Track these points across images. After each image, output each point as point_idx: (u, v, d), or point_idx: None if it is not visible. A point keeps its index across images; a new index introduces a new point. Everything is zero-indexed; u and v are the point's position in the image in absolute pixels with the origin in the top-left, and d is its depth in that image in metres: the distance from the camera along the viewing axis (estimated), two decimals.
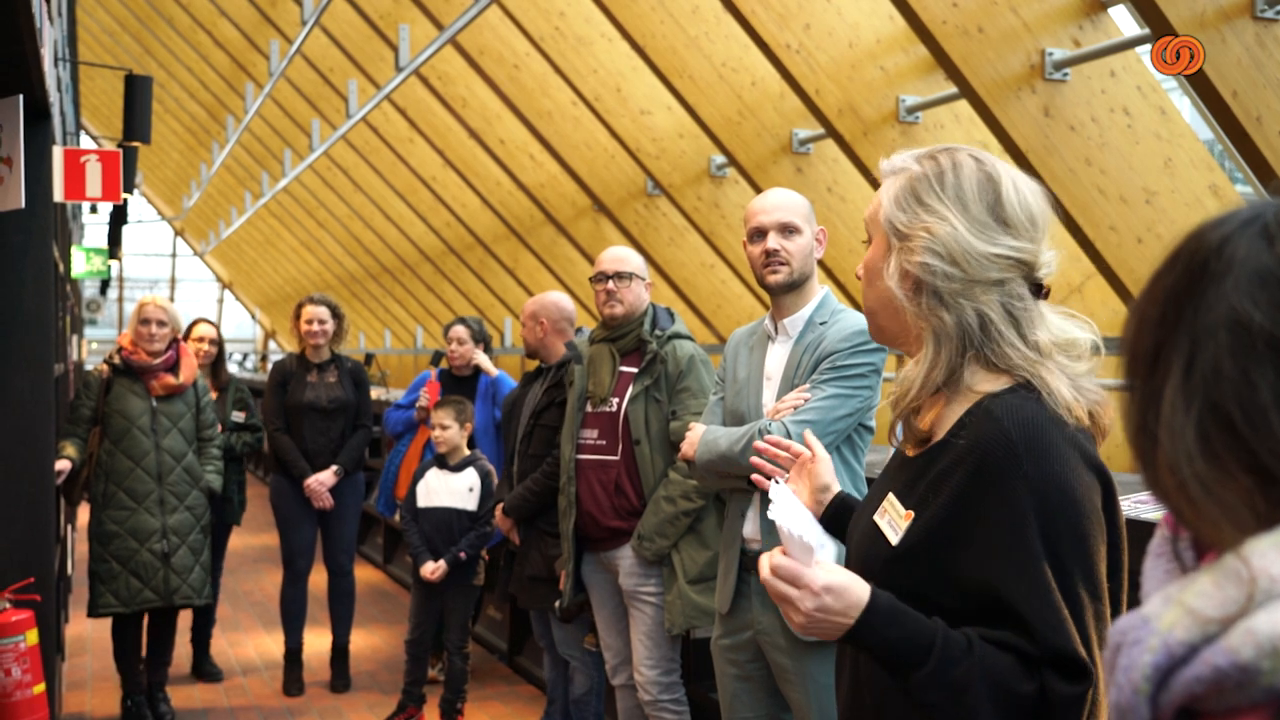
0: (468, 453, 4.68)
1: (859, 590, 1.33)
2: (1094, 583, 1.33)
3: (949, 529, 1.36)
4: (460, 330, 5.28)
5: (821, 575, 1.33)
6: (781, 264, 2.75)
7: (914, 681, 1.30)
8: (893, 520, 1.43)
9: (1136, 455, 0.73)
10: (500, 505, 4.22)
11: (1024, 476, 1.32)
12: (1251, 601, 0.62)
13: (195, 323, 5.59)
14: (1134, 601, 1.00)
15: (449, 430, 4.62)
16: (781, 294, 2.78)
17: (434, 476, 4.66)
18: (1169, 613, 0.65)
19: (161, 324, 4.73)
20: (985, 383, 1.41)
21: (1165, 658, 0.64)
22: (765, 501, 2.76)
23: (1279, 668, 0.59)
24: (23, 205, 3.52)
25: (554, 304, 4.37)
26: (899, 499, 1.44)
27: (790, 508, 1.47)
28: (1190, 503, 0.68)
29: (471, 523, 4.60)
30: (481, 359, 5.27)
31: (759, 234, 2.79)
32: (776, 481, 1.61)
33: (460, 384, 5.30)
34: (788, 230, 2.76)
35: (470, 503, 4.61)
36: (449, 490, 4.62)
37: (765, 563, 1.37)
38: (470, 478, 4.63)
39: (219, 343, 5.51)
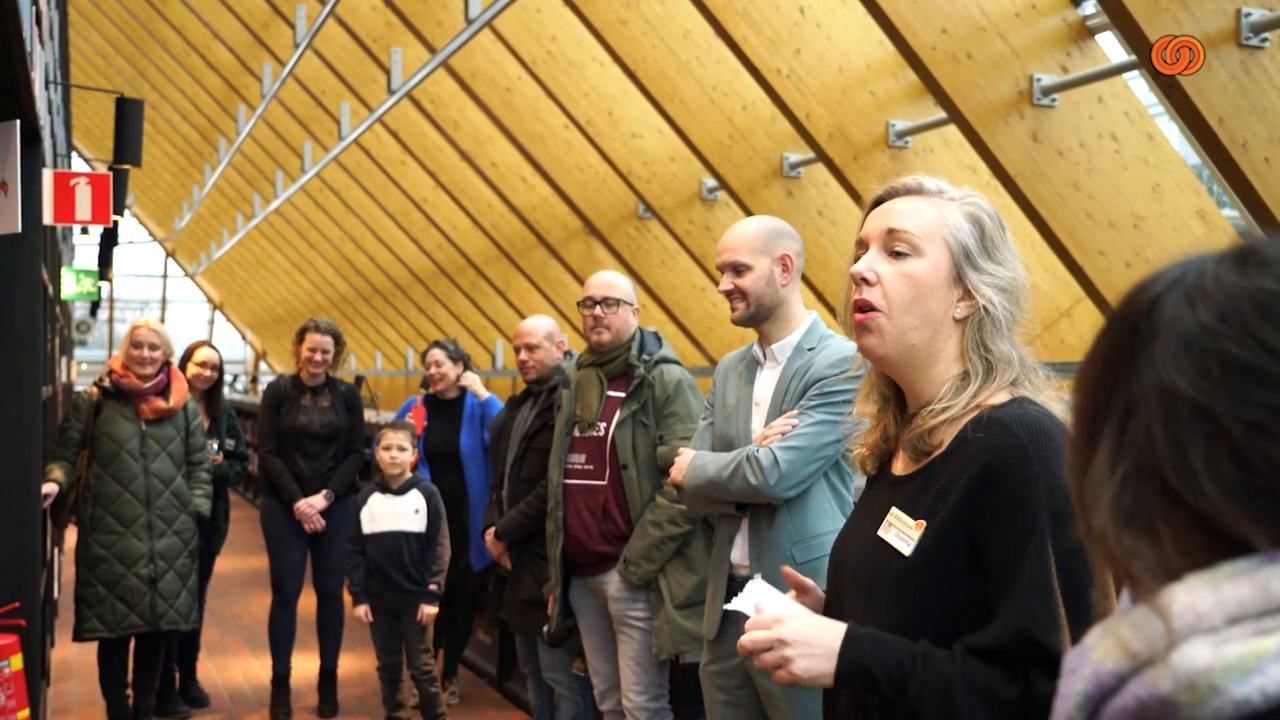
0: (409, 475, 4.66)
1: (835, 627, 1.44)
2: (1102, 579, 1.35)
3: (962, 529, 1.40)
4: (437, 353, 5.26)
5: (788, 623, 1.45)
6: (738, 302, 2.77)
7: (909, 699, 1.37)
8: (901, 533, 1.46)
9: (1078, 510, 0.74)
10: (492, 530, 4.21)
11: (1034, 475, 1.37)
12: (1174, 635, 0.63)
13: (197, 346, 5.52)
14: None
15: (405, 453, 4.61)
16: (749, 328, 2.80)
17: (378, 502, 4.62)
18: (1103, 644, 0.67)
19: (154, 348, 4.72)
20: (985, 397, 1.47)
21: (1096, 687, 0.66)
22: (754, 527, 2.76)
23: (1194, 701, 0.61)
24: (19, 229, 3.52)
25: (555, 324, 4.39)
26: (904, 513, 1.47)
27: (758, 596, 1.56)
28: (1112, 558, 0.70)
29: (420, 545, 4.58)
30: (471, 380, 5.25)
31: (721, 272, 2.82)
32: (754, 577, 1.64)
33: (445, 407, 5.28)
34: (736, 269, 2.76)
35: (417, 525, 4.58)
36: (395, 514, 4.59)
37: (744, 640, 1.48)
38: (415, 500, 4.61)
39: (219, 368, 5.47)
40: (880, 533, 1.48)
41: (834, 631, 1.43)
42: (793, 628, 1.43)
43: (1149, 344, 0.69)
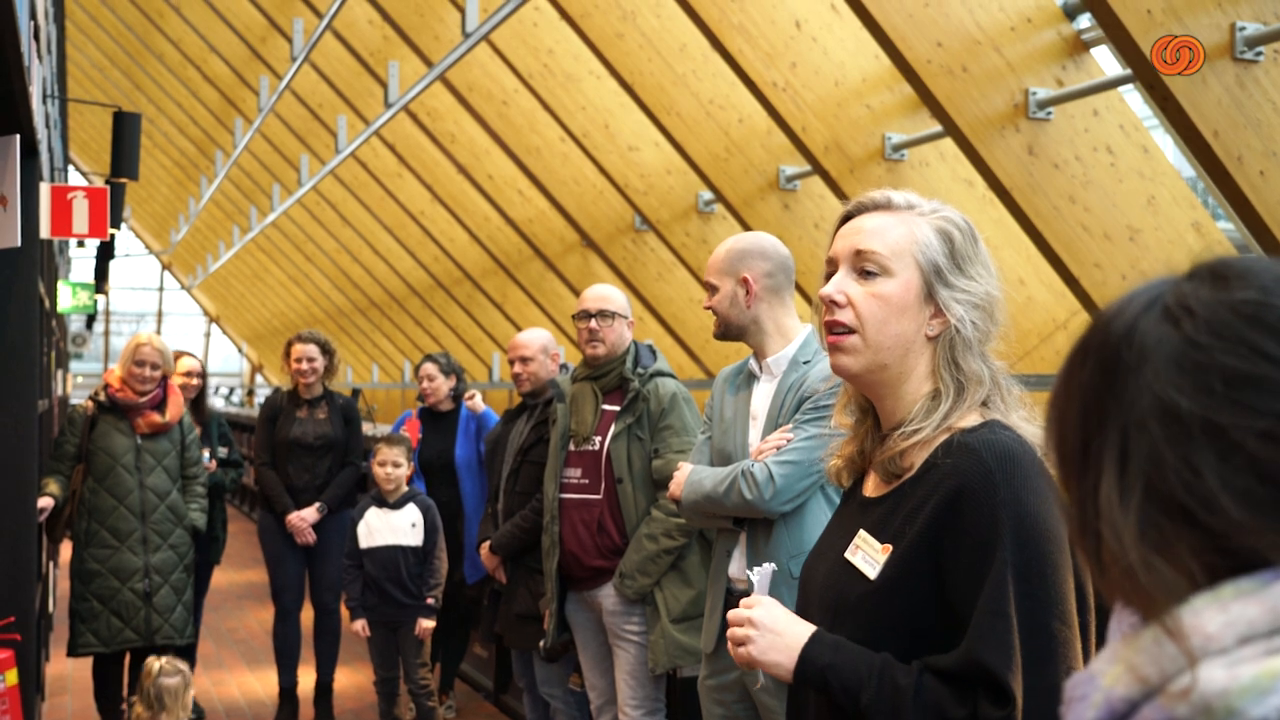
0: (406, 489, 4.66)
1: (805, 627, 1.47)
2: (1065, 611, 1.36)
3: (927, 553, 1.39)
4: (429, 367, 5.27)
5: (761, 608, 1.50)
6: (717, 320, 2.84)
7: (862, 707, 1.38)
8: (868, 556, 1.45)
9: (1082, 551, 0.73)
10: (488, 543, 4.20)
11: (1001, 502, 1.36)
12: (1187, 659, 0.63)
13: (178, 356, 5.51)
14: (1102, 641, 1.01)
15: (400, 468, 4.60)
16: (726, 342, 2.86)
17: (374, 516, 4.61)
18: (1112, 669, 0.66)
19: (155, 367, 4.71)
20: (956, 419, 1.46)
21: (1107, 713, 0.65)
22: (751, 541, 2.76)
23: None
24: (19, 244, 3.52)
25: (551, 338, 4.38)
26: (872, 536, 1.46)
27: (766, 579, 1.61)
28: (1138, 590, 0.68)
29: (417, 559, 4.57)
30: (473, 402, 5.24)
31: None
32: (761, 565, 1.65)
33: (441, 419, 5.28)
34: (709, 288, 2.85)
35: (414, 539, 4.58)
36: (391, 528, 4.58)
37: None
38: (412, 514, 4.60)
39: (203, 376, 5.48)
40: (847, 555, 1.48)
41: (803, 630, 1.46)
42: (766, 613, 1.48)
43: (1137, 369, 0.68)
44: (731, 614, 1.52)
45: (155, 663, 3.78)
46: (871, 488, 1.53)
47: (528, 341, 4.29)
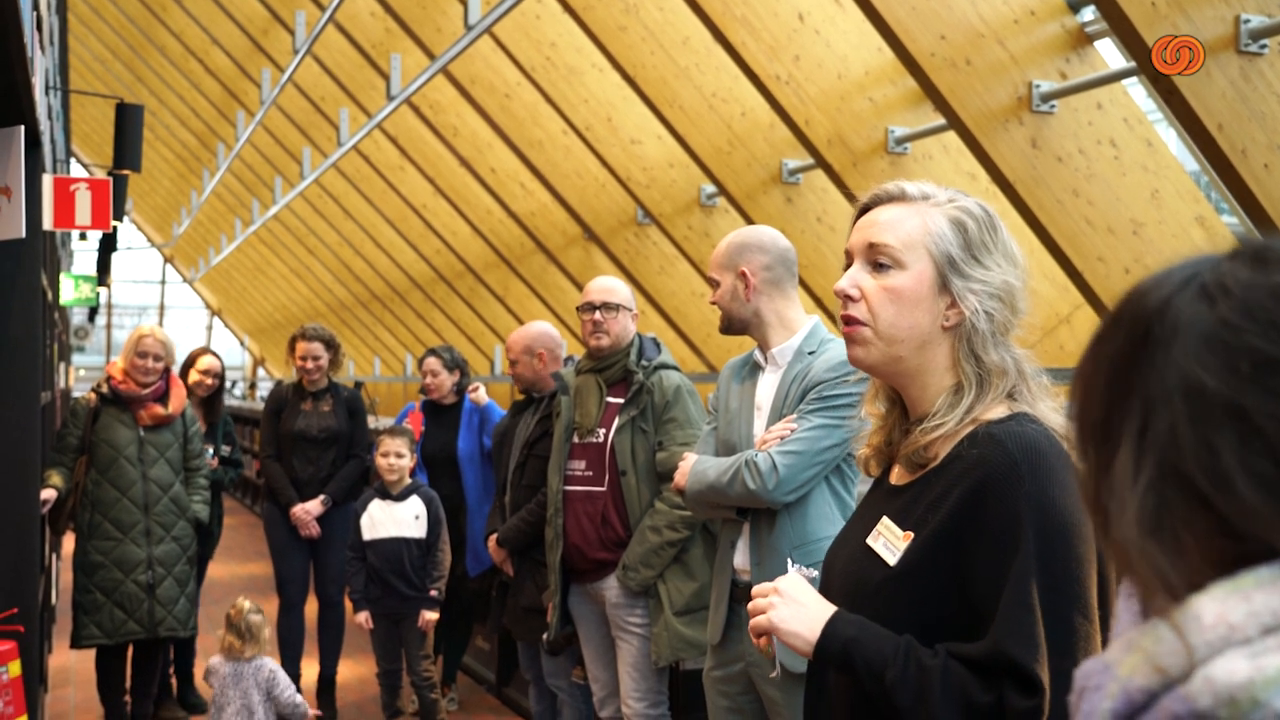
0: (409, 481, 4.66)
1: (829, 605, 1.46)
2: (1086, 605, 1.36)
3: (948, 542, 1.40)
4: (432, 362, 5.27)
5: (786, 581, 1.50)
6: (721, 314, 2.87)
7: (886, 684, 1.37)
8: (889, 542, 1.46)
9: (1094, 524, 0.73)
10: (495, 536, 4.20)
11: (1026, 495, 1.36)
12: (1210, 649, 0.62)
13: (200, 353, 5.53)
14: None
15: (403, 459, 4.61)
16: (730, 335, 2.92)
17: (378, 508, 4.61)
18: (1129, 659, 0.65)
19: (158, 359, 4.72)
20: (981, 411, 1.46)
21: (1125, 704, 0.64)
22: (755, 532, 2.76)
23: (1235, 716, 0.59)
24: (23, 235, 3.52)
25: (547, 334, 4.37)
26: (895, 523, 1.47)
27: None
28: (1136, 570, 0.68)
29: (421, 551, 4.58)
30: (476, 395, 5.24)
31: None
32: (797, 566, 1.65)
33: (443, 412, 5.28)
34: (711, 283, 2.88)
35: (418, 530, 4.58)
36: (395, 520, 4.59)
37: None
38: (415, 505, 4.61)
39: (221, 376, 5.49)
40: (869, 540, 1.49)
41: (827, 607, 1.46)
42: (792, 585, 1.49)
43: (1167, 344, 0.67)
44: (758, 587, 1.52)
45: (244, 601, 4.17)
46: (897, 476, 1.53)
47: (512, 343, 4.34)
